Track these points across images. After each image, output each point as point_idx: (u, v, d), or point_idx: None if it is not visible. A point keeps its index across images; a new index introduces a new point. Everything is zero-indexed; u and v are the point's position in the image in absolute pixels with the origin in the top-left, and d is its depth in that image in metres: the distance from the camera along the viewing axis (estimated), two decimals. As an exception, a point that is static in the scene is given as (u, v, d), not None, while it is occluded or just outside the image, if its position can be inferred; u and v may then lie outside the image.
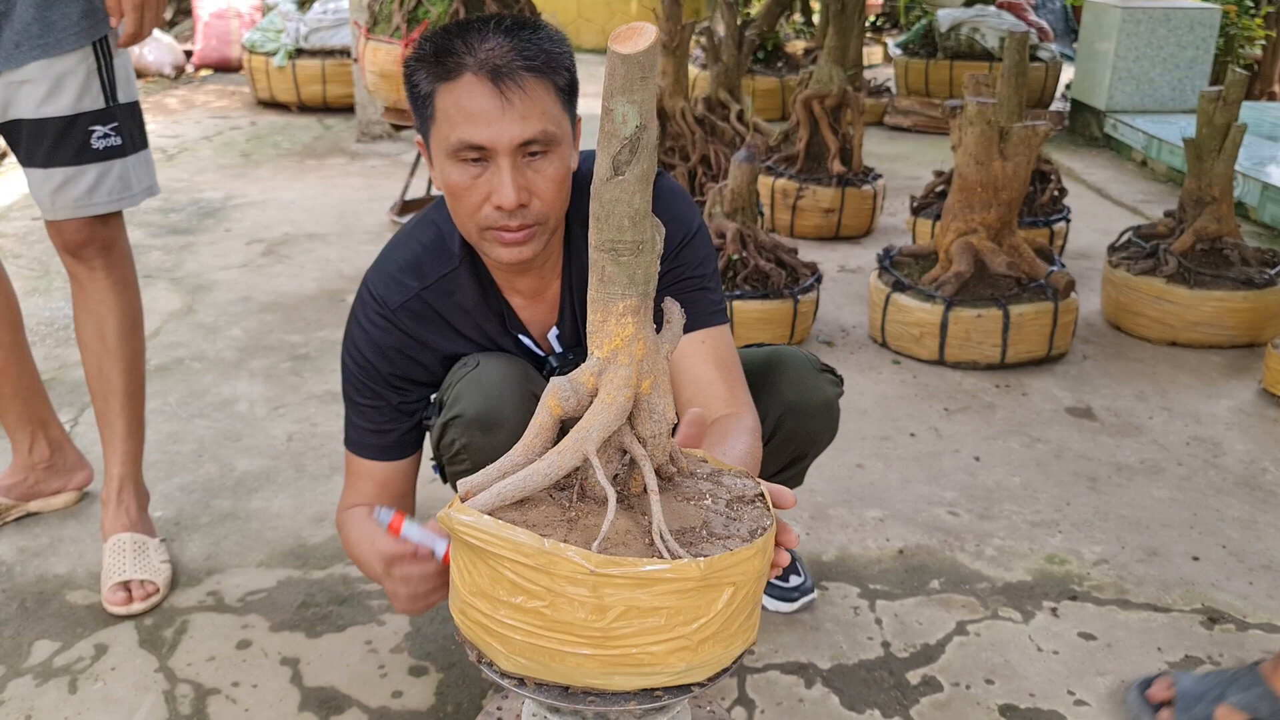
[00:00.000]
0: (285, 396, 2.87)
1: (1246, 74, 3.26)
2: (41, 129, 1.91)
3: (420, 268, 1.57)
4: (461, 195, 1.42)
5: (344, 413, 1.66)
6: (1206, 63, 6.07)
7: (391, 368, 1.60)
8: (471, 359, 1.58)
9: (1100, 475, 2.55)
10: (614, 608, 0.89)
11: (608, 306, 0.97)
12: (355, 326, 1.60)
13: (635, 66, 0.85)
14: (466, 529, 0.95)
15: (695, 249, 1.58)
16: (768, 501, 1.04)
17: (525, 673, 0.96)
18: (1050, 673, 1.86)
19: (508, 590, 0.93)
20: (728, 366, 1.57)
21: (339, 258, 4.04)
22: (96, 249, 2.02)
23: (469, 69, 1.36)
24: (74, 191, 1.95)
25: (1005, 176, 3.11)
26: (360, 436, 1.65)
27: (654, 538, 0.92)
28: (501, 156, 1.38)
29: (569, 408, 1.00)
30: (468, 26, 1.41)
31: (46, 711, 1.73)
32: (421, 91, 1.41)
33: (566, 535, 0.94)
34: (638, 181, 0.90)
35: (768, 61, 7.12)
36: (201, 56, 7.94)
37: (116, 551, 2.04)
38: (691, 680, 0.94)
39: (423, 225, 1.61)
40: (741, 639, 0.96)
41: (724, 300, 1.64)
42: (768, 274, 3.17)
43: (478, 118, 1.36)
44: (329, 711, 1.74)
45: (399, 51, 3.95)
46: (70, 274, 2.06)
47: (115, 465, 2.13)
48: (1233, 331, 3.27)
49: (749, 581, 0.94)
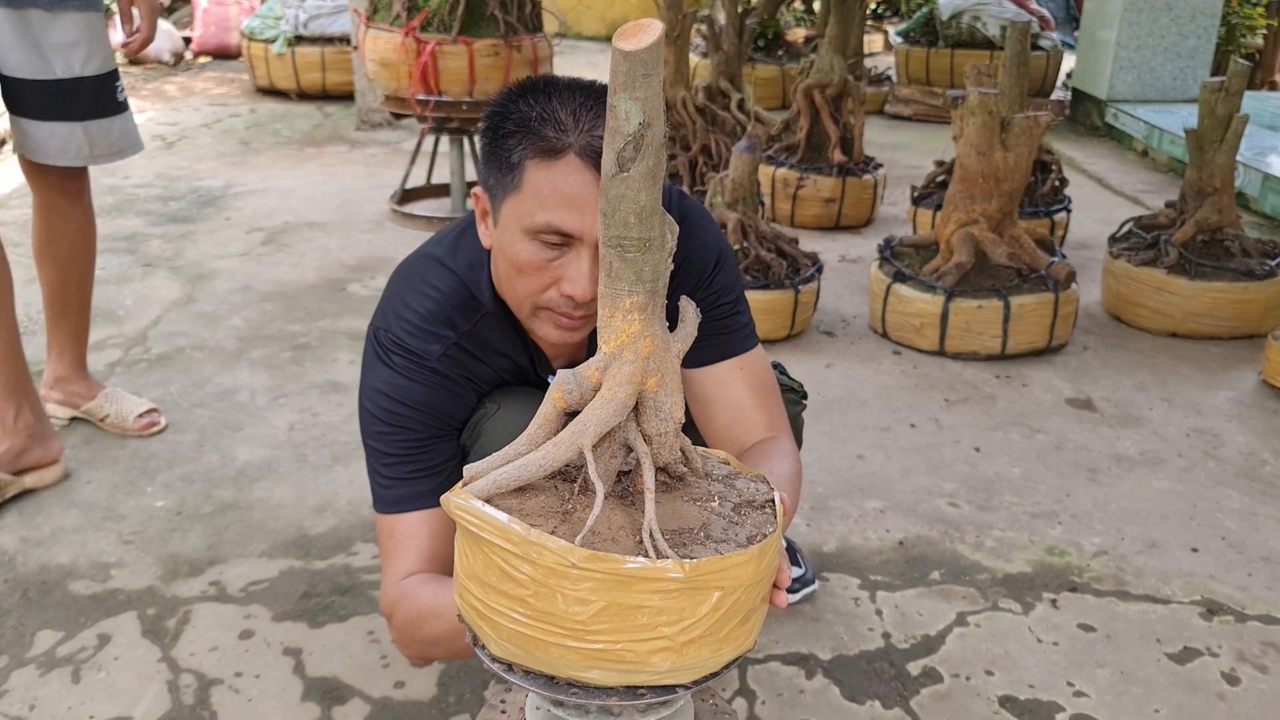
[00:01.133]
0: (286, 386, 2.87)
1: (1249, 65, 3.25)
2: (80, 86, 2.27)
3: (450, 319, 1.46)
4: (529, 274, 1.32)
5: (370, 479, 1.50)
6: (1208, 52, 6.06)
7: (435, 417, 1.47)
8: (493, 403, 1.51)
9: (1100, 466, 2.56)
10: (595, 602, 0.90)
11: (615, 302, 0.97)
12: (385, 379, 1.46)
13: (637, 63, 0.85)
14: (460, 512, 0.96)
15: (725, 274, 1.54)
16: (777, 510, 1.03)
17: (513, 659, 0.97)
18: (1050, 664, 1.87)
19: (497, 577, 0.94)
20: (765, 390, 1.54)
21: (339, 247, 4.04)
22: (84, 183, 2.43)
23: (573, 149, 1.24)
24: (108, 139, 2.35)
25: (1007, 167, 3.11)
26: (398, 492, 1.46)
27: (643, 536, 0.93)
28: (586, 247, 1.27)
29: (572, 401, 1.00)
30: (569, 91, 1.29)
31: (50, 701, 1.73)
32: (511, 159, 1.27)
33: (556, 527, 0.95)
34: (643, 178, 0.90)
35: (768, 50, 7.11)
36: (200, 43, 7.92)
37: (116, 398, 2.60)
38: (676, 681, 0.95)
39: (435, 270, 1.48)
40: (733, 645, 0.96)
41: (752, 321, 1.59)
42: (768, 264, 3.17)
43: (574, 204, 1.25)
44: (332, 702, 1.75)
45: (399, 39, 3.94)
46: (51, 205, 2.42)
47: (78, 350, 2.60)
48: (1233, 323, 3.28)
49: (740, 588, 0.94)
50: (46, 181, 2.39)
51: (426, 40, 3.92)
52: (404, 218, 4.36)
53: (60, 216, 2.44)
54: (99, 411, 2.58)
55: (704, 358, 1.53)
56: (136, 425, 2.57)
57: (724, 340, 1.54)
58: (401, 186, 4.53)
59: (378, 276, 3.71)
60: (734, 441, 1.52)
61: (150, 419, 2.60)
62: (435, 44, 3.91)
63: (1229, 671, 1.86)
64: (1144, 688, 1.82)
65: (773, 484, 1.09)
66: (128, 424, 2.57)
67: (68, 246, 2.47)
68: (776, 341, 3.21)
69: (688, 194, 1.60)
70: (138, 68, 7.47)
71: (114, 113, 2.36)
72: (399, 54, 3.96)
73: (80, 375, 2.61)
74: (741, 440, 1.51)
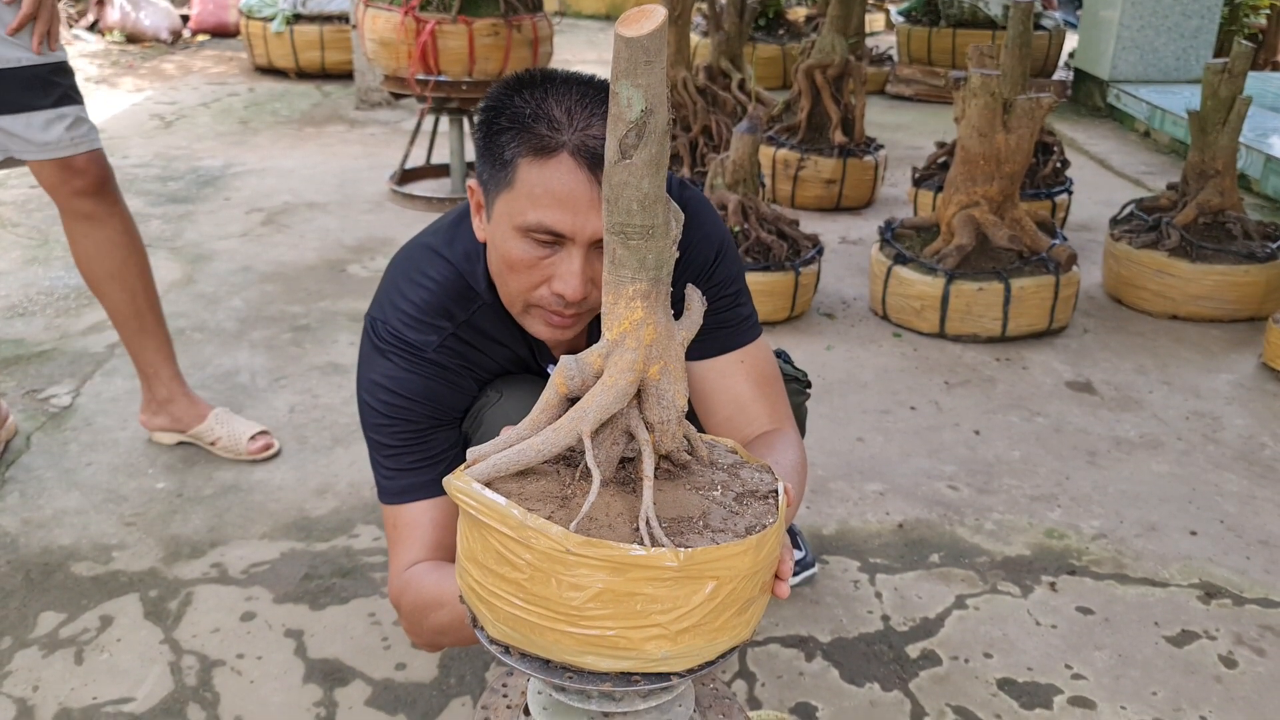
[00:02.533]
0: (287, 368, 2.87)
1: (1252, 46, 3.24)
2: (39, 73, 2.08)
3: (446, 309, 1.46)
4: (520, 271, 1.32)
5: (373, 470, 1.50)
6: (1211, 32, 6.03)
7: (434, 408, 1.47)
8: (495, 391, 1.51)
9: (1099, 450, 2.56)
10: (589, 588, 0.90)
11: (618, 289, 0.97)
12: (383, 371, 1.45)
13: (639, 50, 0.85)
14: (460, 495, 0.97)
15: (727, 265, 1.54)
16: (780, 501, 1.03)
17: (510, 641, 0.98)
18: (1048, 646, 1.88)
19: (495, 560, 0.95)
20: (767, 382, 1.54)
21: (339, 227, 4.03)
22: (112, 183, 2.23)
23: (566, 149, 1.23)
24: (83, 127, 2.15)
25: (1008, 149, 3.10)
26: (401, 483, 1.47)
27: (640, 523, 0.93)
28: (577, 247, 1.27)
29: (574, 387, 1.00)
30: (565, 87, 1.27)
31: (53, 682, 1.74)
32: (504, 156, 1.26)
33: (554, 512, 0.95)
34: (646, 165, 0.90)
35: (769, 29, 7.07)
36: (198, 21, 7.88)
37: (226, 419, 2.44)
38: (670, 669, 0.95)
39: (431, 260, 1.48)
40: (729, 635, 0.97)
41: (755, 312, 1.59)
42: (769, 246, 3.17)
43: (565, 204, 1.24)
44: (333, 684, 1.75)
45: (398, 18, 3.92)
46: (89, 216, 2.21)
47: (169, 365, 2.42)
48: (1234, 305, 3.27)
49: (736, 578, 0.94)
50: (78, 186, 2.17)
51: (426, 19, 3.90)
52: (403, 198, 4.35)
53: (98, 225, 2.23)
54: (209, 435, 2.42)
55: (705, 350, 1.52)
56: (250, 449, 2.40)
57: (725, 334, 1.53)
58: (401, 167, 4.52)
59: (377, 257, 3.70)
60: (735, 435, 1.51)
61: (264, 441, 2.42)
62: (435, 23, 3.89)
63: (1226, 655, 1.87)
64: (1142, 670, 1.83)
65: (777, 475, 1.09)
66: (240, 447, 2.40)
67: (119, 259, 2.27)
68: (777, 323, 3.21)
69: (689, 184, 1.59)
70: (135, 45, 7.43)
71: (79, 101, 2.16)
72: (398, 33, 3.94)
73: (183, 395, 2.43)
74: (744, 433, 1.50)
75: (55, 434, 2.50)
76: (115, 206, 2.24)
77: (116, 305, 2.32)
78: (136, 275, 2.31)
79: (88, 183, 2.17)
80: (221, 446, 2.41)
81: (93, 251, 2.26)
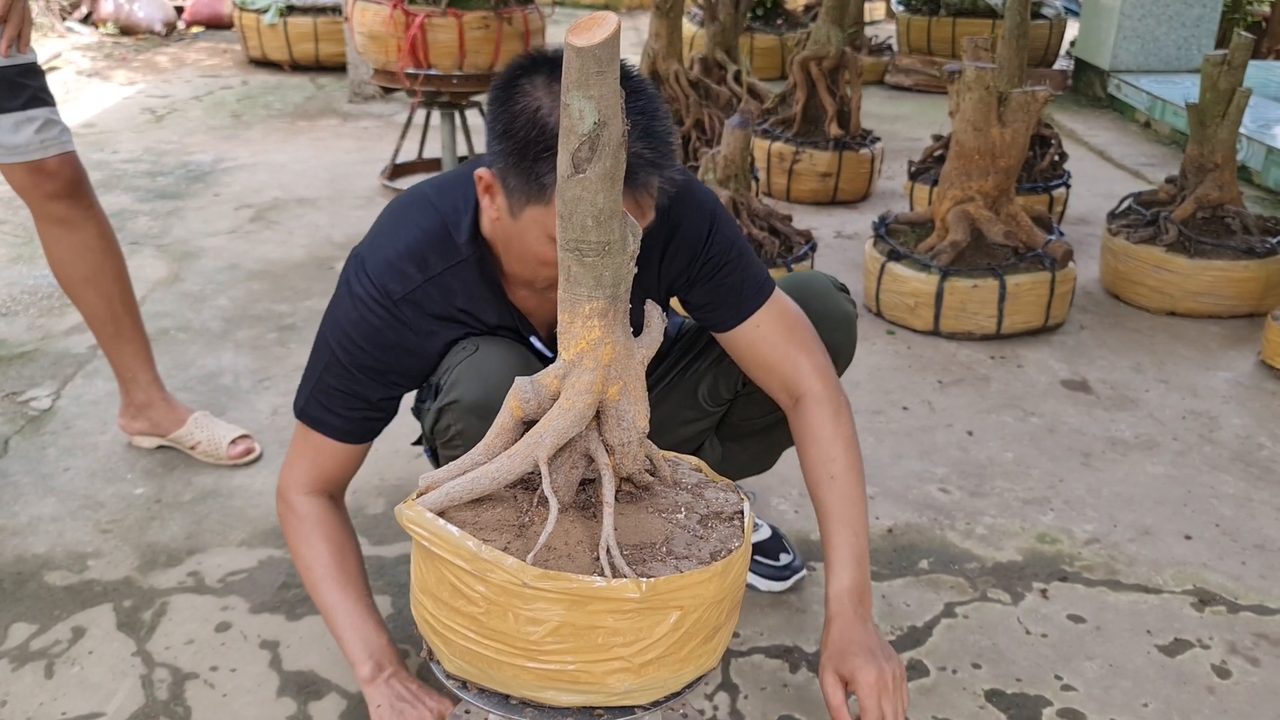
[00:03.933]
0: (271, 369, 2.83)
1: (1252, 37, 3.18)
2: (7, 75, 2.01)
3: (423, 258, 1.46)
4: (539, 267, 1.39)
5: (301, 381, 1.56)
6: (1213, 21, 5.96)
7: (383, 362, 1.49)
8: (470, 343, 1.50)
9: (1094, 451, 2.52)
10: (547, 621, 0.87)
11: (574, 308, 0.93)
12: (347, 311, 1.48)
13: (591, 60, 0.81)
14: (413, 525, 0.93)
15: (722, 232, 1.54)
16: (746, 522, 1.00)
17: (467, 676, 0.94)
18: (1038, 656, 1.84)
19: (449, 593, 0.91)
20: (792, 334, 1.57)
21: (329, 224, 3.99)
22: (86, 185, 2.18)
23: None
24: (54, 129, 2.09)
25: (1004, 143, 3.05)
26: (321, 414, 1.54)
27: (600, 552, 0.89)
28: None
29: (529, 410, 0.96)
30: None
31: (21, 696, 1.71)
32: (543, 180, 1.26)
33: (511, 541, 0.91)
34: (600, 180, 0.86)
35: (766, 19, 7.00)
36: (193, 13, 7.82)
37: (206, 423, 2.39)
38: (634, 703, 0.92)
39: (421, 208, 1.50)
40: (695, 665, 0.93)
41: (764, 267, 1.60)
42: (761, 243, 3.13)
43: None
44: (308, 696, 1.72)
45: (387, 12, 3.87)
46: (62, 220, 2.17)
47: (148, 369, 2.38)
48: (1233, 302, 3.23)
49: (701, 607, 0.90)
50: (52, 190, 2.13)
51: (415, 12, 3.85)
52: (395, 193, 4.31)
53: (73, 230, 2.19)
54: (188, 440, 2.38)
55: (723, 321, 1.56)
56: (231, 453, 2.36)
57: (736, 302, 1.55)
58: (392, 161, 4.47)
59: (366, 254, 3.65)
60: (778, 395, 1.59)
61: (246, 445, 2.39)
62: (424, 16, 3.84)
63: (1219, 664, 1.83)
64: (1133, 681, 1.79)
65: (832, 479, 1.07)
66: (221, 452, 2.36)
67: (94, 263, 2.23)
68: (769, 321, 3.17)
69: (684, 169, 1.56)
70: (129, 38, 7.38)
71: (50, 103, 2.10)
72: (387, 26, 3.89)
73: (162, 399, 2.40)
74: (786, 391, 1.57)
75: (34, 438, 2.46)
76: (90, 210, 2.20)
77: (93, 310, 2.29)
78: (113, 280, 2.27)
79: (60, 186, 2.13)
80: (202, 451, 2.37)
81: (67, 256, 2.22)
